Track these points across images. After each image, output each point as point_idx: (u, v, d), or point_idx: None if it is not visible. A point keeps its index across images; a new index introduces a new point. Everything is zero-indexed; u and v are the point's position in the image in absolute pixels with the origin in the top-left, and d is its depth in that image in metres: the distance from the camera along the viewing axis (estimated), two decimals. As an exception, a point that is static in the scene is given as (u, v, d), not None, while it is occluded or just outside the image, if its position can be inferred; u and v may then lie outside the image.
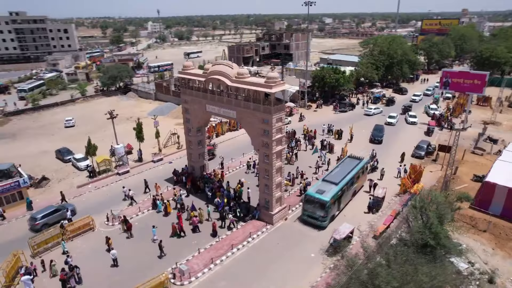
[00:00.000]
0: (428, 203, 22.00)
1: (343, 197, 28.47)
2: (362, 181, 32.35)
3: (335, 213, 27.92)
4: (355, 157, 32.78)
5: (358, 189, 31.82)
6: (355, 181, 30.18)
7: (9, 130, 54.23)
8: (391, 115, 51.83)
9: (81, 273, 22.45)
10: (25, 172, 36.17)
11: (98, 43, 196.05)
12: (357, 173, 30.31)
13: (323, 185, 27.73)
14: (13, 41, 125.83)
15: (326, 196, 26.17)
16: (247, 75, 26.03)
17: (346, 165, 31.09)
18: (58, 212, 28.44)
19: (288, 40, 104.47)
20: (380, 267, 17.05)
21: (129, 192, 31.13)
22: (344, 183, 28.16)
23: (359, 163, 31.46)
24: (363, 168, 31.81)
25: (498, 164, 30.68)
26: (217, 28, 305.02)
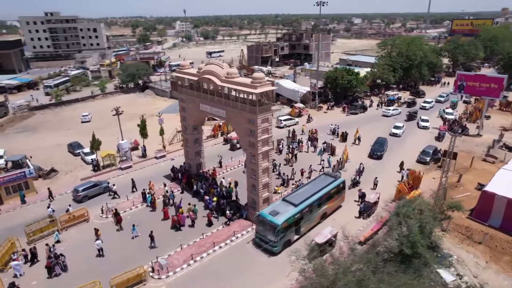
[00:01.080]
0: (411, 210, 21.32)
1: (305, 221, 25.55)
2: (337, 201, 28.92)
3: (292, 238, 25.06)
4: (331, 175, 29.84)
5: (330, 211, 28.49)
6: (323, 203, 27.09)
7: (32, 124, 57.48)
8: (397, 126, 47.75)
9: (68, 261, 23.56)
10: (36, 163, 38.54)
11: (127, 41, 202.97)
12: (328, 193, 27.30)
13: (279, 206, 25.20)
14: (47, 39, 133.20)
15: (278, 219, 23.50)
16: (236, 75, 26.24)
17: (316, 184, 28.11)
18: (96, 187, 32.82)
19: (308, 41, 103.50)
20: (343, 274, 16.74)
21: (113, 187, 32.31)
22: (306, 205, 25.34)
23: (332, 182, 28.29)
24: (338, 188, 28.42)
25: (501, 173, 29.04)
26: (244, 28, 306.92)
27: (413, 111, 53.54)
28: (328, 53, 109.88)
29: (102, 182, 33.92)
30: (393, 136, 46.18)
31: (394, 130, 47.13)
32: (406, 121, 51.83)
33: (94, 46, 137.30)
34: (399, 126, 47.71)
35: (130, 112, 56.45)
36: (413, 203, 21.62)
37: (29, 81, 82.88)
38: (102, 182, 33.91)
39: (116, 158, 39.57)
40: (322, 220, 27.50)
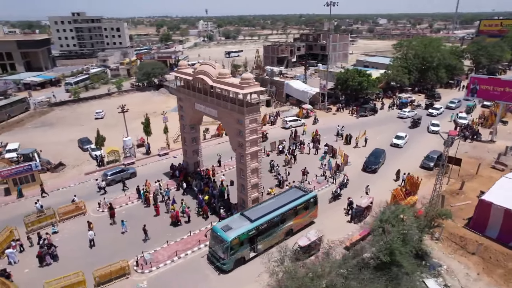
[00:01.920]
0: (394, 217, 20.79)
1: (263, 238, 23.93)
2: (307, 217, 26.86)
3: (247, 256, 23.56)
4: (302, 188, 27.65)
5: (298, 228, 26.35)
6: (288, 218, 25.21)
7: (49, 119, 60.09)
8: (399, 135, 43.91)
9: (60, 251, 24.63)
10: (46, 157, 40.45)
11: (151, 40, 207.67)
12: (294, 208, 25.37)
13: (235, 220, 23.86)
14: (73, 38, 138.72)
15: (229, 235, 22.13)
16: (228, 76, 26.45)
17: (283, 198, 26.20)
18: (123, 172, 35.70)
19: (325, 41, 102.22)
20: (310, 279, 16.59)
21: (102, 183, 33.41)
22: (264, 221, 23.62)
23: (301, 196, 26.27)
24: (307, 203, 26.34)
25: (502, 181, 27.74)
26: (266, 28, 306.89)
27: (418, 117, 50.48)
28: (346, 54, 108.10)
29: (129, 168, 37.00)
30: (394, 146, 42.91)
31: (395, 140, 43.40)
32: (410, 128, 49.28)
33: (117, 45, 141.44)
34: (401, 136, 44.02)
35: (142, 110, 58.02)
36: (397, 210, 21.02)
37: (52, 79, 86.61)
38: (128, 168, 36.99)
39: (120, 154, 40.74)
40: (288, 237, 25.27)
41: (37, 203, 29.16)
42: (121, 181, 34.13)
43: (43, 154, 41.84)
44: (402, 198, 29.60)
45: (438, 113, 55.13)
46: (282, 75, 69.54)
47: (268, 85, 66.29)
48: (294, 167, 37.80)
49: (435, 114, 54.62)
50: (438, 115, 54.66)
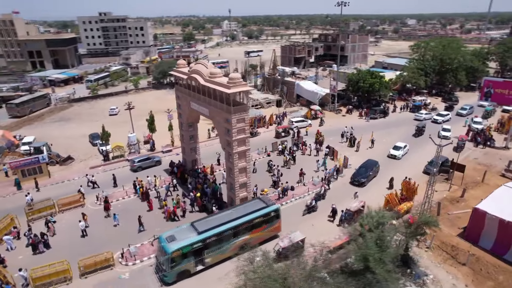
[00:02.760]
0: (373, 222, 20.31)
1: (212, 251, 22.86)
2: (266, 231, 25.03)
3: (192, 269, 22.56)
4: (264, 200, 25.84)
5: (256, 242, 23.76)
6: (243, 232, 23.84)
7: (67, 115, 62.79)
8: (397, 146, 40.37)
9: (55, 240, 25.91)
10: (57, 151, 42.38)
11: (175, 40, 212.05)
12: (250, 221, 23.97)
13: (183, 231, 22.91)
14: (99, 37, 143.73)
15: (171, 247, 21.37)
16: (218, 75, 26.73)
17: (240, 209, 24.91)
18: (149, 160, 38.55)
19: (344, 42, 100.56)
20: (273, 280, 16.51)
21: (91, 178, 34.54)
22: (213, 234, 22.52)
23: (262, 209, 24.64)
24: (267, 216, 24.70)
25: (501, 190, 26.39)
26: (290, 28, 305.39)
27: (422, 125, 46.78)
28: (366, 55, 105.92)
29: (155, 156, 39.88)
30: (391, 158, 39.67)
31: (393, 151, 39.85)
32: (415, 136, 45.86)
33: (140, 44, 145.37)
34: (399, 146, 40.35)
35: (154, 108, 59.57)
36: (377, 215, 20.50)
37: (75, 76, 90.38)
38: (154, 156, 39.89)
39: (125, 150, 42.01)
40: (244, 252, 23.71)
41: (28, 196, 30.57)
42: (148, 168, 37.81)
43: (55, 148, 43.95)
44: (396, 204, 28.82)
45: (444, 119, 51.52)
46: (294, 76, 69.10)
47: (279, 85, 66.21)
48: (293, 168, 37.60)
49: (440, 121, 51.00)
50: (444, 122, 51.04)
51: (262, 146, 42.55)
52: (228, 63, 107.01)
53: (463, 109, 55.39)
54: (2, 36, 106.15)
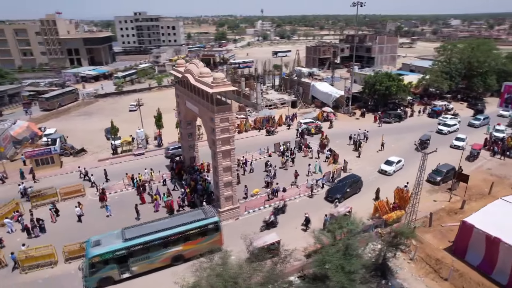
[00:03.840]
0: (338, 228, 19.87)
1: (140, 260, 22.24)
2: (204, 244, 23.31)
3: (116, 276, 22.00)
4: (205, 211, 24.68)
5: (192, 255, 21.75)
6: (174, 243, 22.88)
7: (91, 109, 66.41)
8: (389, 160, 36.70)
9: (51, 226, 27.74)
10: (73, 143, 45.06)
11: (209, 39, 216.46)
12: (184, 233, 22.98)
13: (111, 236, 22.55)
14: (134, 36, 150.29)
15: (91, 252, 21.18)
16: (207, 75, 27.21)
17: (178, 219, 24.02)
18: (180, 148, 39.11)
19: (371, 43, 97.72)
20: (223, 280, 16.65)
21: (84, 170, 36.10)
22: (140, 242, 21.82)
23: (198, 221, 23.56)
24: (204, 229, 23.57)
25: (497, 203, 24.62)
26: (325, 28, 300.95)
27: (426, 137, 42.34)
28: (394, 57, 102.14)
29: None
30: (381, 173, 36.33)
31: (384, 166, 36.34)
32: (417, 150, 37.47)
33: (172, 43, 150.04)
34: (392, 161, 36.58)
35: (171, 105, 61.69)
36: (344, 221, 20.01)
37: (105, 72, 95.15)
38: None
39: (132, 144, 43.84)
40: (178, 264, 23.26)
41: (21, 185, 32.67)
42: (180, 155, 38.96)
43: (73, 140, 46.72)
44: (385, 212, 27.84)
45: (451, 130, 47.06)
46: (312, 77, 68.24)
47: (295, 86, 65.76)
48: (291, 169, 37.28)
49: (446, 132, 46.83)
50: (449, 133, 46.66)
51: (265, 146, 42.62)
52: (253, 63, 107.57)
53: (477, 119, 50.75)
54: (45, 35, 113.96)
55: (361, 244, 21.08)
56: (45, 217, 28.90)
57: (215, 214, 24.50)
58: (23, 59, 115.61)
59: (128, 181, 33.90)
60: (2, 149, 41.21)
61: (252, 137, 48.37)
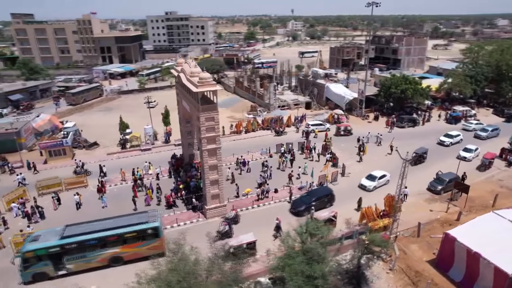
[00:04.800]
0: (302, 233, 19.63)
1: (76, 259, 22.50)
2: (143, 248, 23.47)
3: (51, 273, 22.36)
4: (149, 216, 24.39)
5: (132, 258, 23.36)
6: (112, 245, 22.99)
7: (112, 105, 69.49)
8: (372, 175, 33.80)
9: (51, 213, 29.68)
10: (88, 137, 47.55)
11: (239, 38, 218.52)
12: (121, 235, 22.94)
13: (52, 232, 22.99)
14: (164, 35, 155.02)
15: (26, 247, 21.69)
16: (197, 74, 27.76)
17: (119, 221, 24.07)
18: None
19: (397, 44, 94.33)
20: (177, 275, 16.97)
21: (80, 163, 37.80)
22: (75, 241, 22.09)
23: (137, 224, 23.40)
24: (142, 233, 23.35)
25: (487, 216, 23.14)
26: (358, 29, 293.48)
27: (423, 151, 38.68)
28: (422, 59, 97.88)
29: None
30: (361, 188, 33.43)
31: (364, 181, 33.51)
32: (411, 165, 34.82)
33: (200, 42, 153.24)
34: (374, 176, 33.55)
35: None
36: (310, 226, 19.71)
37: (132, 70, 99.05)
38: None
39: (140, 140, 45.52)
40: (117, 265, 23.45)
41: (19, 176, 34.68)
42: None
43: (89, 134, 49.30)
44: (371, 219, 27.01)
45: (454, 141, 43.56)
46: (328, 78, 67.13)
47: (309, 87, 65.04)
48: (288, 171, 37.04)
49: (448, 144, 43.19)
50: (452, 144, 43.19)
51: (268, 147, 42.65)
52: (276, 63, 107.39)
53: (484, 130, 46.46)
54: (81, 34, 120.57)
55: (332, 250, 20.71)
56: (48, 205, 31.02)
57: (157, 219, 24.01)
58: (60, 57, 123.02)
59: (122, 176, 35.38)
60: (23, 140, 44.42)
61: (259, 137, 48.51)
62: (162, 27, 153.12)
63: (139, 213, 25.48)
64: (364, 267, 22.73)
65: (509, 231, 20.97)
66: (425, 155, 38.60)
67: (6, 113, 60.64)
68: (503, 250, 19.52)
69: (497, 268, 18.49)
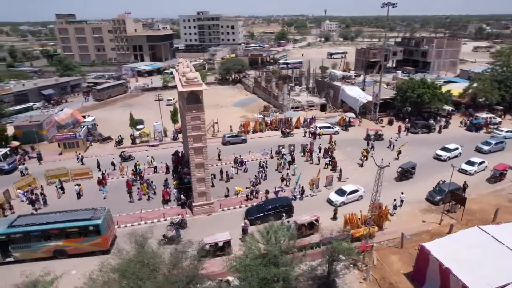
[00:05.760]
0: (266, 235, 19.60)
1: (22, 248, 23.93)
2: (85, 244, 24.49)
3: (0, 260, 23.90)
4: (94, 213, 25.05)
5: (76, 252, 24.49)
6: (56, 238, 24.07)
7: (133, 102, 72.48)
8: (342, 190, 31.44)
9: (54, 200, 31.90)
10: (104, 131, 50.15)
11: (272, 38, 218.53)
12: (64, 229, 23.95)
13: (5, 221, 24.47)
14: (195, 34, 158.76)
15: None
16: (185, 74, 28.51)
17: (67, 215, 25.12)
18: (237, 137, 46.55)
19: (427, 46, 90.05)
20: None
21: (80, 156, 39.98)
22: (20, 231, 23.57)
23: (81, 220, 24.31)
24: (84, 229, 24.15)
25: (470, 231, 21.72)
26: (395, 30, 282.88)
27: (410, 166, 35.19)
28: (455, 62, 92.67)
29: (241, 135, 47.38)
30: (328, 203, 31.12)
31: (332, 195, 31.34)
32: (396, 180, 34.58)
33: (230, 41, 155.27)
34: (344, 190, 31.19)
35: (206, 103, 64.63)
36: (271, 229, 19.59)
37: (159, 68, 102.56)
38: (241, 135, 47.41)
39: (150, 136, 47.31)
40: (62, 258, 24.43)
41: (21, 166, 37.30)
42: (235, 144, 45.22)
43: (105, 129, 52.00)
44: (356, 226, 26.32)
45: (451, 156, 38.96)
46: (345, 80, 65.65)
47: (325, 89, 64.03)
48: (285, 172, 36.94)
49: (445, 158, 38.83)
50: (449, 159, 38.46)
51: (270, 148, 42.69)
52: (301, 63, 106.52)
53: (487, 143, 41.55)
54: (115, 33, 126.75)
55: (299, 256, 20.46)
56: (54, 193, 33.26)
57: (100, 217, 24.51)
58: (97, 54, 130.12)
59: (121, 171, 37.26)
60: (45, 132, 47.74)
61: (266, 138, 48.54)
62: (194, 26, 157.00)
63: (87, 210, 25.95)
64: (337, 275, 22.36)
65: (488, 248, 19.65)
66: (412, 170, 35.23)
67: (38, 106, 65.48)
68: (476, 267, 18.37)
69: (465, 286, 17.46)
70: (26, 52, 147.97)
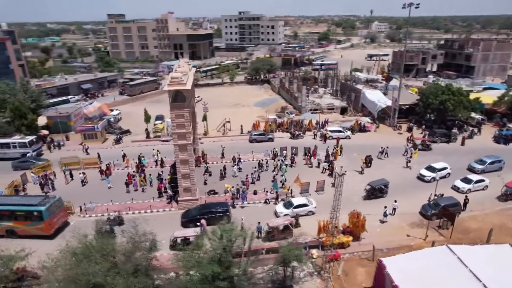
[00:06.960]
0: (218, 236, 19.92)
1: None
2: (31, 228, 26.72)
3: None
4: (43, 200, 27.40)
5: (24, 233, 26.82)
6: (5, 219, 26.67)
7: (162, 98, 74.16)
8: (290, 202, 30.07)
9: (62, 186, 34.96)
10: (123, 125, 53.57)
11: (314, 38, 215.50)
12: (12, 212, 26.55)
13: None
14: (236, 34, 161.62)
15: None
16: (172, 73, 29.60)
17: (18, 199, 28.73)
18: (263, 135, 47.48)
19: (472, 49, 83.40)
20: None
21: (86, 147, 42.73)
22: None
23: (26, 206, 26.90)
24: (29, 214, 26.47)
25: (438, 249, 20.15)
26: (450, 31, 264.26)
27: (381, 183, 32.00)
28: (505, 67, 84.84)
29: (268, 133, 48.23)
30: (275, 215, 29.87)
31: (279, 208, 30.03)
32: (364, 198, 31.98)
33: (270, 41, 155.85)
34: (292, 203, 29.77)
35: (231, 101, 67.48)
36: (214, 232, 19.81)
37: (194, 66, 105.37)
38: (268, 133, 48.26)
39: (163, 131, 49.57)
40: (14, 237, 26.58)
41: (30, 153, 40.95)
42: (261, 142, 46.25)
43: (129, 122, 55.46)
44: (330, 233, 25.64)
45: (437, 177, 33.84)
46: (369, 84, 63.19)
47: (346, 92, 62.23)
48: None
49: (429, 179, 34.54)
50: (434, 180, 33.34)
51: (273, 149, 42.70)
52: (336, 65, 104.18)
53: (481, 162, 36.75)
54: (158, 31, 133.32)
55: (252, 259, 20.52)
56: (63, 179, 36.45)
57: (45, 204, 26.58)
58: (141, 52, 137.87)
59: (127, 163, 39.37)
60: (72, 123, 52.06)
61: (276, 139, 48.46)
62: (235, 26, 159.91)
63: (37, 196, 28.68)
64: (295, 281, 22.16)
65: (449, 269, 18.20)
66: (384, 189, 32.01)
67: (77, 99, 71.34)
68: (426, 288, 17.20)
69: (408, 306, 16.48)
70: (81, 49, 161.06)
